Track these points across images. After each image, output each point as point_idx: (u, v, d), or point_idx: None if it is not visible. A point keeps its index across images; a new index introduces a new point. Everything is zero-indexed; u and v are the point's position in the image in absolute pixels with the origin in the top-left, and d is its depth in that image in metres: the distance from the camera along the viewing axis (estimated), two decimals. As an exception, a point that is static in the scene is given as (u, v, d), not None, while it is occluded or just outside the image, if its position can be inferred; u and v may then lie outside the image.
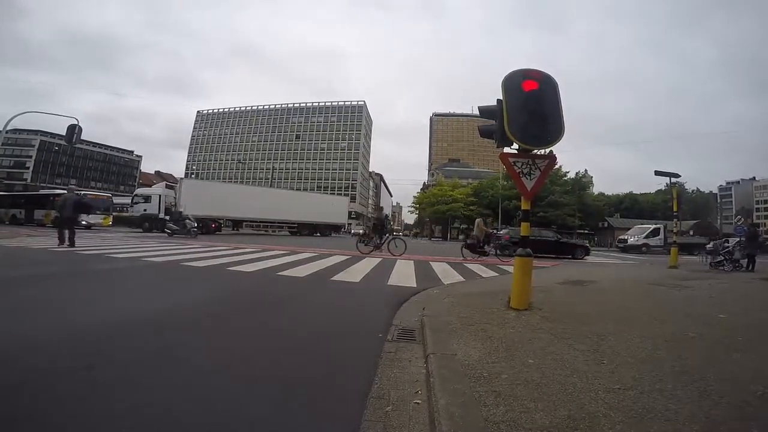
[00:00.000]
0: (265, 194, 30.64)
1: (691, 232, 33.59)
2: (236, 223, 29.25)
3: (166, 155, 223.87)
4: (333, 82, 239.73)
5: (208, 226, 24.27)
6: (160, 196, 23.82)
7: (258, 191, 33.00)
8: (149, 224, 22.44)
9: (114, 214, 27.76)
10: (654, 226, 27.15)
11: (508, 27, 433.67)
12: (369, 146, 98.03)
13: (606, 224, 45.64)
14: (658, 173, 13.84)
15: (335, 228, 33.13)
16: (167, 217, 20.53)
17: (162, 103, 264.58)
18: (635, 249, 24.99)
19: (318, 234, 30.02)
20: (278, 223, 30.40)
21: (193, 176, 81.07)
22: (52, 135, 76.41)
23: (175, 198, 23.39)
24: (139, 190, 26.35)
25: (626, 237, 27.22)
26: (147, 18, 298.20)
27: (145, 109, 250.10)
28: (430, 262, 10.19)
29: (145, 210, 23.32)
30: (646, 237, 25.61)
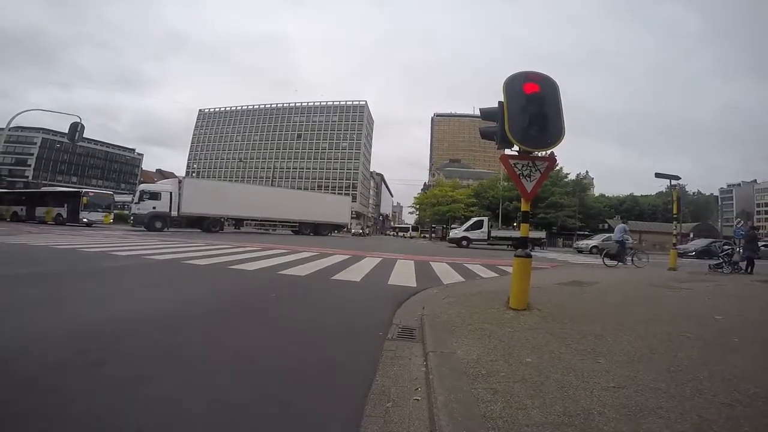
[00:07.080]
0: (267, 193, 30.71)
1: (691, 235, 33.41)
2: (238, 222, 29.32)
3: (146, 152, 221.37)
4: (289, 72, 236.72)
5: (209, 225, 24.28)
6: (171, 193, 22.71)
7: (260, 190, 32.98)
8: (161, 223, 21.69)
9: (115, 211, 27.95)
10: (476, 219, 25.93)
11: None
12: (370, 146, 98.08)
13: (606, 226, 45.57)
14: (658, 175, 13.81)
15: (338, 227, 33.11)
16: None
17: (121, 98, 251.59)
18: (456, 242, 23.65)
19: (318, 233, 29.78)
20: (279, 221, 30.26)
21: (194, 174, 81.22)
22: (54, 132, 76.54)
23: (174, 196, 23.06)
24: (145, 186, 24.61)
25: (449, 230, 26.57)
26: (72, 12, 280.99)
27: (105, 106, 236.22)
28: (430, 262, 10.24)
29: (154, 207, 22.01)
30: (467, 230, 24.36)
